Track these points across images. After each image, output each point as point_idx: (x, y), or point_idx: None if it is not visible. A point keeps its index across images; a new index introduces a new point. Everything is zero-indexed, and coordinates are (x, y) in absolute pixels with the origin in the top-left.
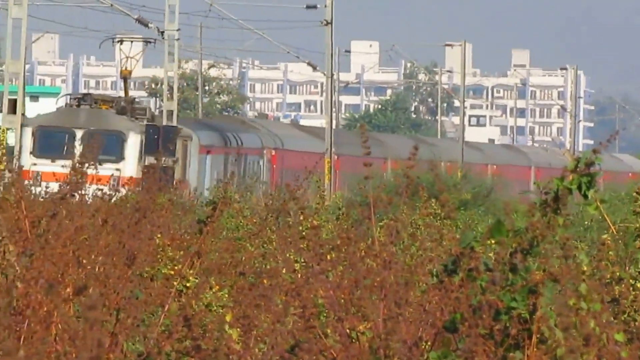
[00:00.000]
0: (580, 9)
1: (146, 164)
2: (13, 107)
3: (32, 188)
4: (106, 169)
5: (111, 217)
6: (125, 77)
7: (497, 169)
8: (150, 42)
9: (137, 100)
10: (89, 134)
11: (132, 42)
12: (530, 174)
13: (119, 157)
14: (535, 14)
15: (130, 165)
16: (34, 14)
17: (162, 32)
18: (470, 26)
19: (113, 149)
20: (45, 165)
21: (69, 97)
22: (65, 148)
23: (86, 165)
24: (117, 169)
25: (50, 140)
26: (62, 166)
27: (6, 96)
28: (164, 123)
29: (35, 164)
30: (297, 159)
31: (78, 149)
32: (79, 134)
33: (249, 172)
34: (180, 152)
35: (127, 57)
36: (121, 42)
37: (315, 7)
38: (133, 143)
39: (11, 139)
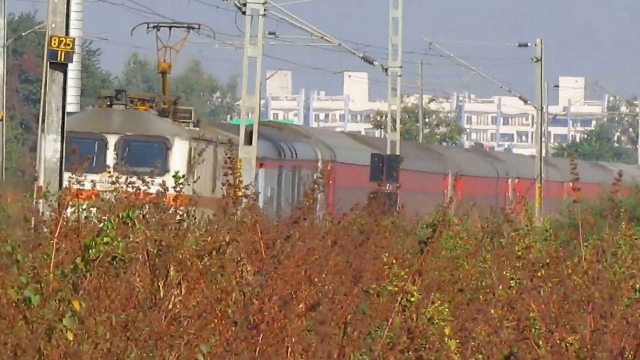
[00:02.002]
0: None
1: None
2: (249, 138)
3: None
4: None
5: (339, 239)
6: (164, 71)
7: None
8: (193, 28)
9: (179, 99)
10: (124, 141)
11: (170, 28)
12: None
13: (163, 169)
14: None
15: None
16: (268, 54)
17: (386, 69)
18: None
19: (155, 158)
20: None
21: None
22: (95, 159)
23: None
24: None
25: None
26: (92, 182)
27: (242, 129)
28: (388, 152)
29: None
30: (354, 173)
31: (111, 159)
32: (112, 140)
33: (303, 188)
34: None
35: (164, 47)
36: (157, 28)
37: (526, 45)
38: (179, 151)
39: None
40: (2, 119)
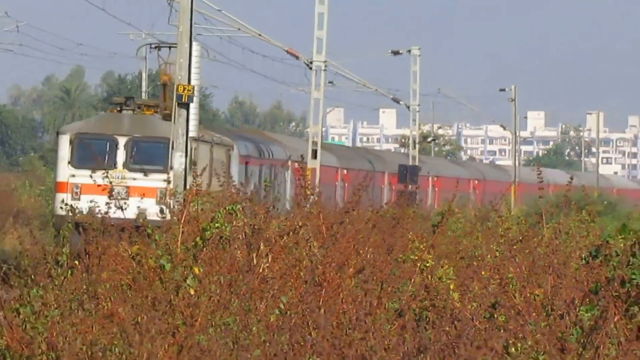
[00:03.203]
0: None
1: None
2: (314, 154)
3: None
4: (153, 180)
5: (378, 223)
6: (165, 83)
7: (620, 192)
8: None
9: None
10: (133, 142)
11: (170, 47)
12: None
13: (167, 167)
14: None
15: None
16: (328, 96)
17: (409, 107)
18: (603, 97)
19: (160, 157)
20: (84, 177)
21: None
22: (107, 157)
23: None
24: (165, 180)
25: (90, 149)
26: (104, 178)
27: (310, 147)
28: (410, 163)
29: (74, 176)
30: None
31: (121, 157)
32: (122, 141)
33: (278, 182)
34: (225, 161)
35: (165, 63)
36: (159, 48)
37: (504, 90)
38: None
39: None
40: None
